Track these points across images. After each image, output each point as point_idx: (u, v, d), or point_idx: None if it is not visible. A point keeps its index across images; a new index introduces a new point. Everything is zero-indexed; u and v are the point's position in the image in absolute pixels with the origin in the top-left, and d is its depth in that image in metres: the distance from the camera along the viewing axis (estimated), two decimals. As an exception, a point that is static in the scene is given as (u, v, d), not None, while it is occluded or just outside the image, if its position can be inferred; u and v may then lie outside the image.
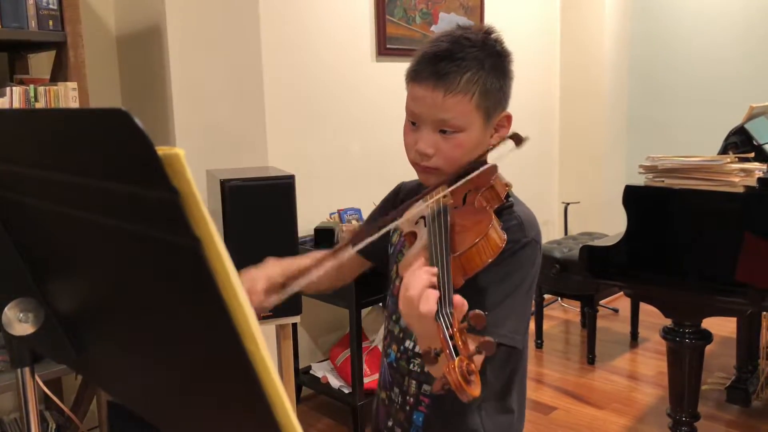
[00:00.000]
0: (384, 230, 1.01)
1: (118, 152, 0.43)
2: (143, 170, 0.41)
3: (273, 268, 1.11)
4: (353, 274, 1.31)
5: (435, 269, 0.84)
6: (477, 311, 0.76)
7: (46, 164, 0.52)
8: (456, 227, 0.94)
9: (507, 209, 1.05)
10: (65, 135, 0.47)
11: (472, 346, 0.75)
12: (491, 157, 1.13)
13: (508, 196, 1.06)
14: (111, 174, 0.45)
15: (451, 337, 0.75)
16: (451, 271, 0.85)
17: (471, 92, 1.03)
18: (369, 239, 0.97)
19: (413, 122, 1.08)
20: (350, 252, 1.00)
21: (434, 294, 0.80)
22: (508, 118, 1.11)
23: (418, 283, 0.82)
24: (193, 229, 0.42)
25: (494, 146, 1.10)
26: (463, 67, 1.02)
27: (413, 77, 1.07)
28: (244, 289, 1.01)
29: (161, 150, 0.40)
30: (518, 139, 1.06)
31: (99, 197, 0.48)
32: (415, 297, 0.81)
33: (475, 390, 0.71)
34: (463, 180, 1.01)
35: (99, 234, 0.53)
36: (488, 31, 1.08)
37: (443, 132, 1.05)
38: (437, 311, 0.78)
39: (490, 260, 0.90)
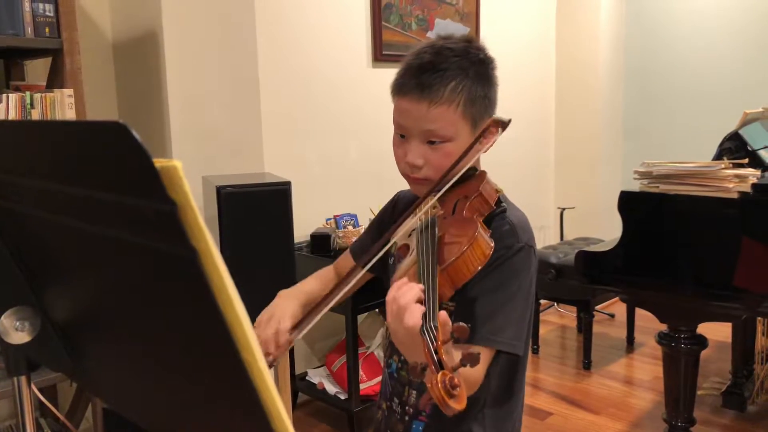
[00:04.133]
0: (387, 247, 1.02)
1: (115, 164, 0.43)
2: (141, 182, 0.42)
3: (292, 305, 1.13)
4: (358, 287, 1.33)
5: (422, 285, 0.84)
6: (460, 324, 0.76)
7: (43, 175, 0.52)
8: (445, 238, 0.94)
9: (499, 214, 1.05)
10: (63, 147, 0.48)
11: (456, 360, 0.75)
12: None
13: (499, 201, 1.06)
14: (108, 185, 0.45)
15: (436, 351, 0.75)
16: (440, 283, 0.85)
17: (456, 101, 1.03)
18: (375, 257, 0.99)
19: (401, 135, 1.09)
20: (362, 273, 1.03)
21: (419, 308, 0.81)
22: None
23: (405, 297, 0.83)
24: (190, 241, 0.42)
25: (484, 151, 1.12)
26: (447, 77, 1.03)
27: (398, 90, 1.08)
28: (271, 330, 1.05)
29: (159, 162, 0.41)
30: (503, 124, 1.06)
31: (96, 208, 0.48)
32: (401, 311, 0.82)
33: (459, 404, 0.71)
34: (447, 186, 1.01)
35: (96, 244, 0.53)
36: (469, 40, 1.09)
37: (432, 143, 1.06)
38: (422, 326, 0.79)
39: (478, 268, 0.91)
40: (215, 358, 0.48)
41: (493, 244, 0.93)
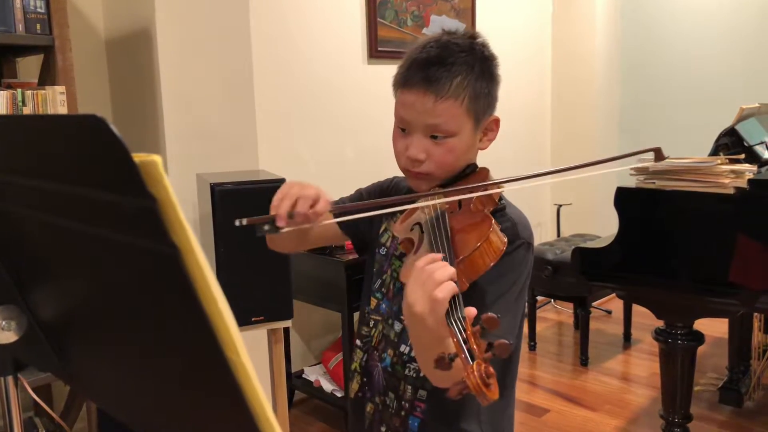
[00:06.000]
0: (369, 214, 1.02)
1: (94, 159, 0.42)
2: (120, 177, 0.41)
3: None
4: (321, 242, 1.33)
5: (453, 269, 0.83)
6: (490, 314, 0.75)
7: (23, 171, 0.51)
8: (455, 232, 0.94)
9: (500, 211, 1.06)
10: (42, 141, 0.47)
11: (486, 350, 0.74)
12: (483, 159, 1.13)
13: (500, 198, 1.06)
14: (88, 181, 0.44)
15: (465, 341, 0.74)
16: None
17: (461, 97, 1.03)
18: (352, 216, 0.99)
19: (403, 128, 1.08)
20: (329, 221, 1.02)
21: (453, 288, 0.79)
22: (497, 121, 1.12)
23: (443, 272, 0.80)
24: (170, 237, 0.41)
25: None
26: (453, 72, 1.02)
27: (403, 83, 1.07)
28: (312, 191, 0.98)
29: (138, 157, 0.40)
30: (659, 155, 1.06)
31: (77, 204, 0.47)
32: (432, 282, 0.79)
33: (495, 393, 0.71)
34: (459, 189, 1.00)
35: (78, 241, 0.52)
36: (473, 36, 1.09)
37: (434, 137, 1.05)
38: (448, 315, 0.78)
39: (492, 263, 0.90)
40: (199, 357, 0.47)
41: (506, 239, 0.93)
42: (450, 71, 1.02)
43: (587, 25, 4.35)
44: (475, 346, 0.74)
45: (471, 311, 0.78)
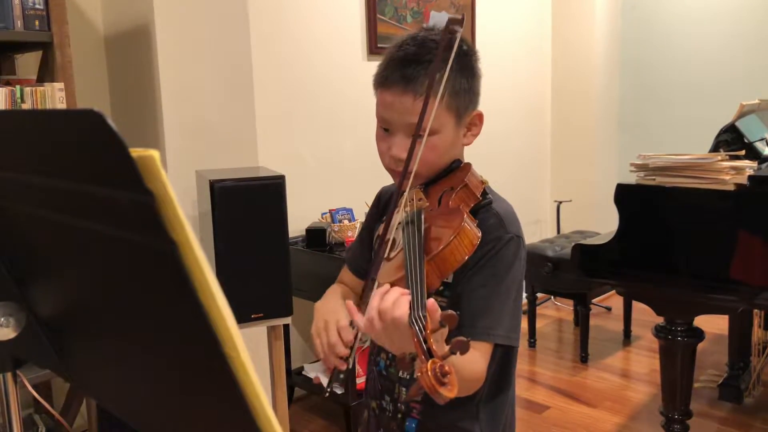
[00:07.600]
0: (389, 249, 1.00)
1: (91, 154, 0.42)
2: (117, 172, 0.40)
3: (339, 303, 1.11)
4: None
5: (401, 289, 0.85)
6: (449, 311, 0.75)
7: (20, 166, 0.51)
8: (431, 229, 0.94)
9: (485, 206, 1.04)
10: (39, 137, 0.46)
11: (446, 348, 0.74)
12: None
13: (485, 193, 1.05)
14: (85, 176, 0.44)
15: (425, 340, 0.74)
16: (427, 273, 0.85)
17: (440, 94, 1.01)
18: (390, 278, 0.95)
19: (385, 128, 1.07)
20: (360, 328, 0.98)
21: (406, 299, 0.81)
22: (480, 116, 1.11)
23: (390, 295, 0.83)
24: (169, 233, 0.41)
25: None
26: (431, 69, 1.01)
27: (381, 83, 1.06)
28: (333, 334, 0.99)
29: (135, 152, 0.39)
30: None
31: (74, 200, 0.47)
32: (389, 306, 0.82)
33: (450, 392, 0.70)
34: (412, 174, 1.00)
35: (76, 237, 0.51)
36: (451, 31, 1.06)
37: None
38: (410, 315, 0.78)
39: (466, 258, 0.91)
40: (198, 354, 0.47)
41: (480, 234, 0.93)
42: (427, 69, 1.01)
43: (587, 20, 4.34)
44: (433, 345, 0.74)
45: (432, 306, 0.79)
